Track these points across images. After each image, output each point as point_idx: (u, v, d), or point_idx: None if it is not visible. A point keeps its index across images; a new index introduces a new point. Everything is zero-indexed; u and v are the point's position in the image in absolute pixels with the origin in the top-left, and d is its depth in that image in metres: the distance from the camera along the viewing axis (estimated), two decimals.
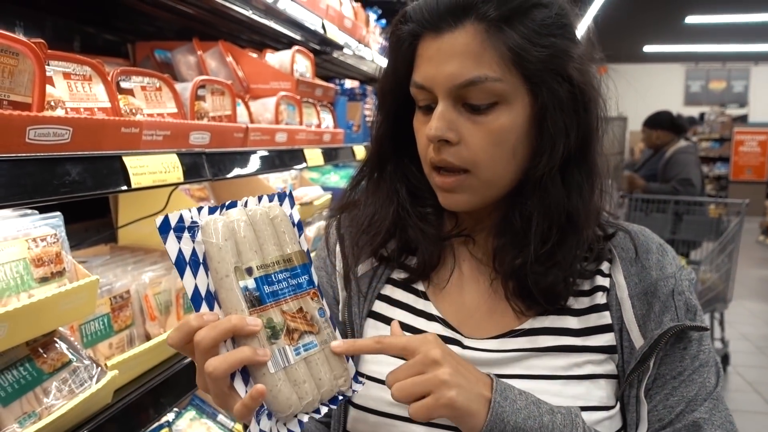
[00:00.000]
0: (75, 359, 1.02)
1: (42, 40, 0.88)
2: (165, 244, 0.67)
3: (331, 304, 0.94)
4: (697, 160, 4.91)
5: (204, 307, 0.68)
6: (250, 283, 0.68)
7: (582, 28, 0.84)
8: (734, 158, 12.72)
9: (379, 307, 0.91)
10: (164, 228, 0.68)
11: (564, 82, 0.79)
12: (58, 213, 1.04)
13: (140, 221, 1.63)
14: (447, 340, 0.85)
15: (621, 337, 0.83)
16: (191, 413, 1.66)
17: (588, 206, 0.83)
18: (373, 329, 0.90)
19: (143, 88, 1.23)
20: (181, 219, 0.68)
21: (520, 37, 0.77)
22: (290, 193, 0.78)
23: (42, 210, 1.08)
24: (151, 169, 1.09)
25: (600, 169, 0.85)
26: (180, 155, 1.21)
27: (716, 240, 4.57)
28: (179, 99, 1.32)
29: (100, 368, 1.04)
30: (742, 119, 14.02)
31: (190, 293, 0.68)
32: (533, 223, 0.81)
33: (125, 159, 1.03)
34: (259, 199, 0.75)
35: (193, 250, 0.68)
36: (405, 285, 0.91)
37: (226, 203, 0.73)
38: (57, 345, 1.01)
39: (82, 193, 0.92)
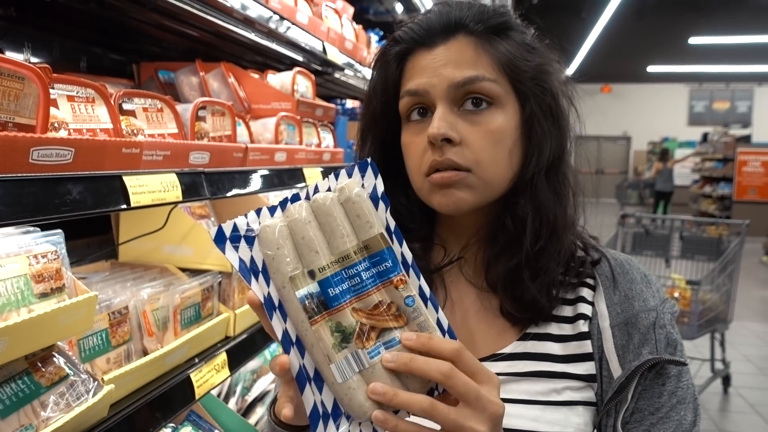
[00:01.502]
0: (72, 373, 1.04)
1: (47, 65, 0.91)
2: (225, 254, 0.65)
3: None
4: None
5: (275, 317, 0.65)
6: (313, 287, 0.64)
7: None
8: (738, 178, 12.73)
9: None
10: (220, 239, 0.65)
11: (547, 94, 0.85)
12: (59, 230, 1.07)
13: (141, 238, 1.66)
14: None
15: (600, 366, 0.84)
16: (188, 428, 1.68)
17: (566, 215, 0.87)
18: None
19: (145, 110, 1.27)
20: (235, 228, 0.65)
21: (509, 48, 0.84)
22: (371, 161, 0.68)
23: (45, 227, 1.11)
24: (150, 188, 1.12)
25: (570, 180, 0.89)
26: (179, 175, 1.24)
27: (717, 260, 4.57)
28: (180, 120, 1.36)
29: (96, 382, 1.06)
30: (746, 139, 14.04)
31: (262, 300, 0.66)
32: (527, 222, 0.84)
33: (125, 179, 1.06)
34: (336, 175, 0.66)
35: (252, 258, 0.65)
36: None
37: (289, 197, 0.67)
38: (55, 359, 1.03)
39: (83, 212, 0.95)
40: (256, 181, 1.65)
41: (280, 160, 1.83)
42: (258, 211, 0.67)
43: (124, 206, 1.05)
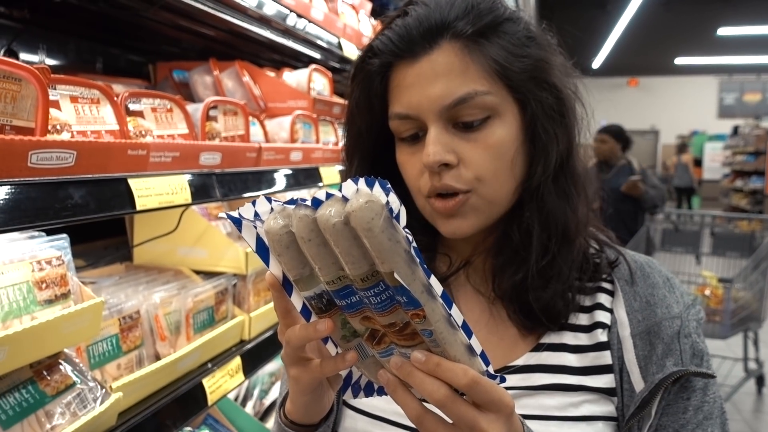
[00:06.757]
0: (79, 381, 1.02)
1: (46, 66, 0.89)
2: (241, 233, 0.61)
3: None
4: None
5: (295, 294, 0.63)
6: (318, 290, 0.60)
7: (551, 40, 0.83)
8: None
9: None
10: (236, 219, 0.61)
11: (548, 90, 0.78)
12: (65, 235, 1.05)
13: (155, 240, 1.64)
14: None
15: (621, 378, 0.78)
16: None
17: (577, 215, 0.81)
18: None
19: (153, 110, 1.24)
20: (250, 210, 0.60)
21: (499, 49, 0.76)
22: (380, 180, 0.55)
23: (53, 231, 1.09)
24: (157, 191, 1.09)
25: (582, 177, 0.82)
26: (188, 176, 1.21)
27: (750, 257, 4.44)
28: (190, 120, 1.33)
29: (104, 390, 1.04)
30: None
31: (280, 279, 0.63)
32: (533, 236, 0.78)
33: (130, 181, 1.03)
34: (354, 181, 0.54)
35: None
36: None
37: (297, 199, 0.58)
38: (62, 367, 1.01)
39: (85, 217, 0.92)
40: (270, 182, 1.61)
41: (296, 159, 1.79)
42: (269, 200, 0.60)
43: (130, 210, 1.02)
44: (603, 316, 0.82)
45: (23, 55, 1.69)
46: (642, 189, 4.57)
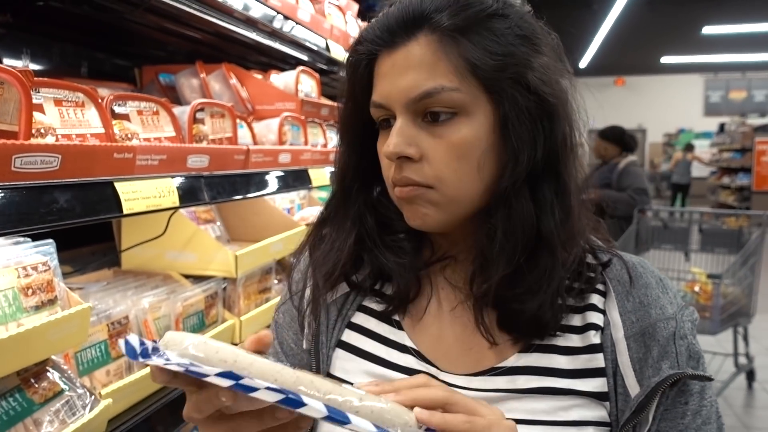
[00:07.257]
0: (68, 388, 1.00)
1: (28, 69, 0.87)
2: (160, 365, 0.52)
3: (297, 342, 0.89)
4: (643, 172, 5.03)
5: (261, 389, 0.53)
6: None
7: (552, 43, 0.80)
8: (756, 168, 12.47)
9: (349, 336, 0.84)
10: (132, 354, 0.52)
11: (525, 92, 0.74)
12: (51, 240, 1.03)
13: (144, 245, 1.63)
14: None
15: (615, 382, 0.76)
16: None
17: (564, 227, 0.76)
18: (341, 360, 0.83)
19: (140, 113, 1.23)
20: (143, 343, 0.53)
21: (474, 47, 0.73)
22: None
23: (39, 236, 1.08)
24: (144, 194, 1.08)
25: (573, 189, 0.78)
26: (176, 179, 1.20)
27: (738, 252, 4.47)
28: (177, 123, 1.32)
29: (93, 397, 1.02)
30: (764, 129, 13.76)
31: (229, 384, 0.53)
32: (496, 243, 0.75)
33: (117, 185, 1.02)
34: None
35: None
36: (379, 314, 0.85)
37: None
38: (49, 374, 0.99)
39: (71, 221, 0.91)
40: (259, 184, 1.61)
41: (285, 161, 1.78)
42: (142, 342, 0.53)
43: (117, 213, 1.01)
44: (595, 318, 0.79)
45: (7, 60, 1.67)
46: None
